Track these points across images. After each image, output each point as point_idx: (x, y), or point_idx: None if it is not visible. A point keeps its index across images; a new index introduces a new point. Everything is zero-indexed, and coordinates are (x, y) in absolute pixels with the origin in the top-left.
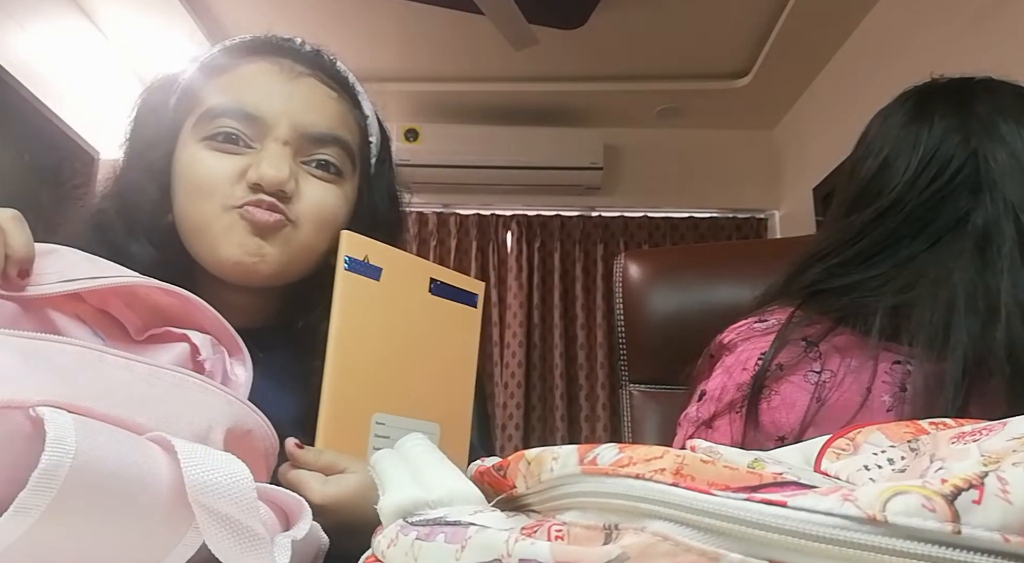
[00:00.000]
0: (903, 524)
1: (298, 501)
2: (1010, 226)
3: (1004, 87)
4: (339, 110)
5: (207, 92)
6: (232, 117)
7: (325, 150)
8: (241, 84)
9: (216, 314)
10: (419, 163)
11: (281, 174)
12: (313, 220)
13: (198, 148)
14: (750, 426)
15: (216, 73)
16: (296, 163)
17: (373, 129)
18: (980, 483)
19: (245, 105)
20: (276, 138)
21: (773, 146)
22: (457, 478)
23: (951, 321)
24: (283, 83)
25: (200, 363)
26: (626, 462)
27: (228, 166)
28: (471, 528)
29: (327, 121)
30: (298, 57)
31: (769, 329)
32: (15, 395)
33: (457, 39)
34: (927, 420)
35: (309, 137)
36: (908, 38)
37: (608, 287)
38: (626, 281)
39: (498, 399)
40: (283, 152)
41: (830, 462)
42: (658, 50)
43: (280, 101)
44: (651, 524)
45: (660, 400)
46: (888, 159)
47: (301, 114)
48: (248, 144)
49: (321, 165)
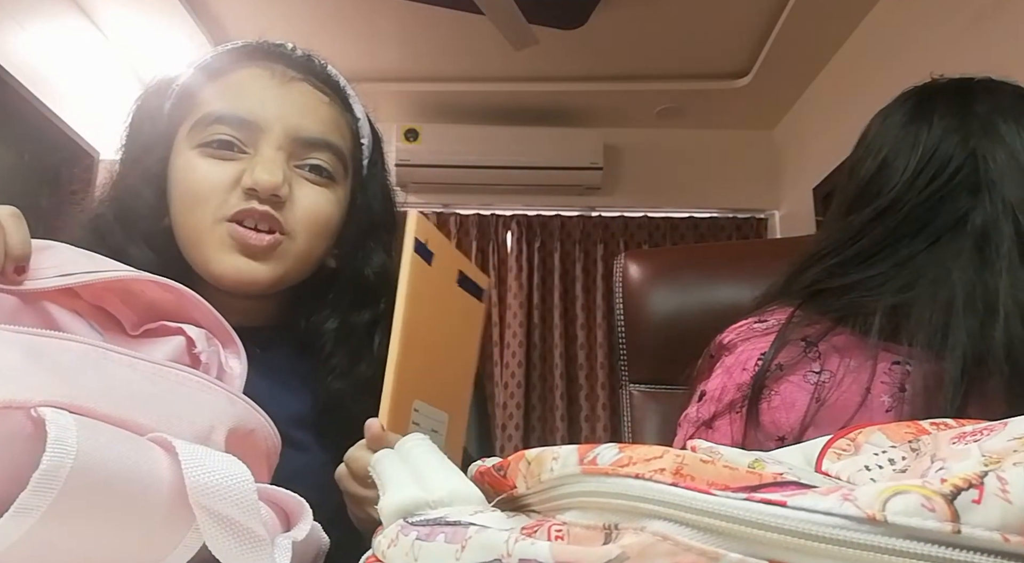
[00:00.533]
0: (903, 524)
1: (299, 501)
2: (1009, 226)
3: (1004, 87)
4: (331, 114)
5: (201, 98)
6: (227, 123)
7: (318, 154)
8: (235, 90)
9: (209, 308)
10: (419, 163)
11: (275, 178)
12: (307, 227)
13: (193, 154)
14: (750, 426)
15: (210, 79)
16: (289, 167)
17: (364, 131)
18: (980, 483)
19: (239, 111)
20: (270, 143)
21: (773, 146)
22: (457, 478)
23: (950, 321)
24: (276, 88)
25: (196, 356)
26: (626, 462)
27: (222, 173)
28: (471, 528)
29: (319, 125)
30: (290, 62)
31: (769, 329)
32: (16, 395)
33: (457, 39)
34: (928, 420)
35: (302, 141)
36: (908, 38)
37: (608, 287)
38: (626, 281)
39: (498, 399)
40: (277, 156)
41: (831, 462)
42: (658, 50)
43: (274, 106)
44: (651, 524)
45: (660, 400)
46: (887, 159)
47: (294, 118)
48: (242, 149)
49: (314, 169)
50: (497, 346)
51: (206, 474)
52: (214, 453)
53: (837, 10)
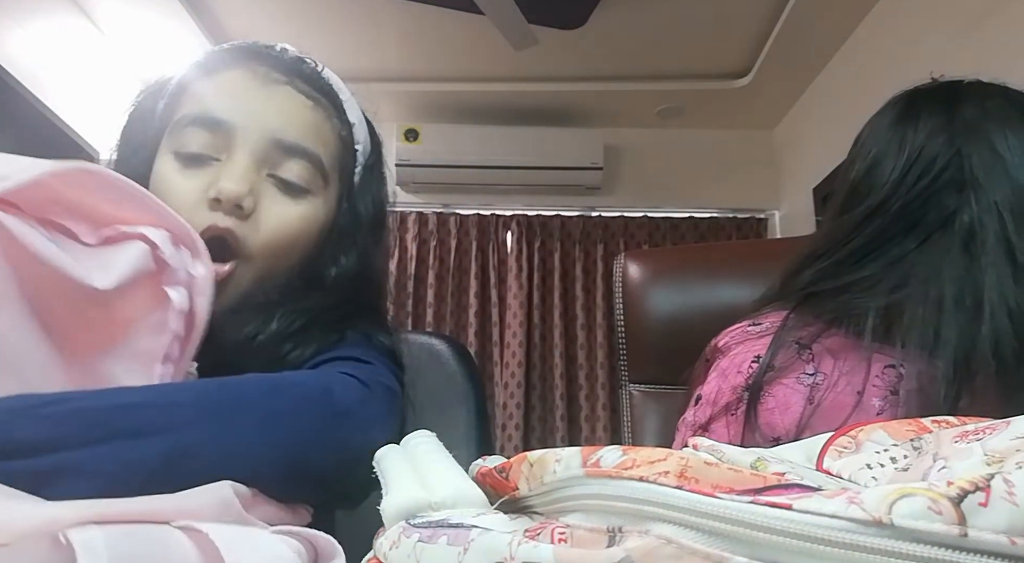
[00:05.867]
0: (909, 527)
1: (330, 543)
2: (993, 222)
3: (991, 89)
4: (313, 120)
5: (184, 100)
6: (201, 125)
7: (293, 162)
8: (214, 91)
9: (169, 211)
10: (419, 163)
11: (240, 188)
12: (268, 246)
13: (167, 160)
14: (748, 429)
15: (194, 81)
16: (261, 175)
17: (360, 136)
18: (986, 485)
19: (215, 111)
20: (244, 146)
21: (773, 146)
22: (461, 479)
23: (941, 319)
24: (256, 90)
25: (162, 260)
26: (630, 464)
27: (190, 186)
28: (474, 531)
29: (297, 131)
30: (276, 64)
31: (763, 332)
32: (45, 519)
33: (457, 39)
34: (929, 418)
35: (278, 145)
36: (908, 38)
37: (608, 287)
38: (626, 281)
39: (498, 399)
40: (247, 163)
41: (832, 460)
42: (658, 50)
43: (251, 107)
44: (655, 527)
45: (660, 400)
46: (876, 160)
47: (272, 121)
48: (214, 157)
49: (286, 182)
50: (497, 346)
51: (248, 555)
52: (247, 532)
53: (837, 10)
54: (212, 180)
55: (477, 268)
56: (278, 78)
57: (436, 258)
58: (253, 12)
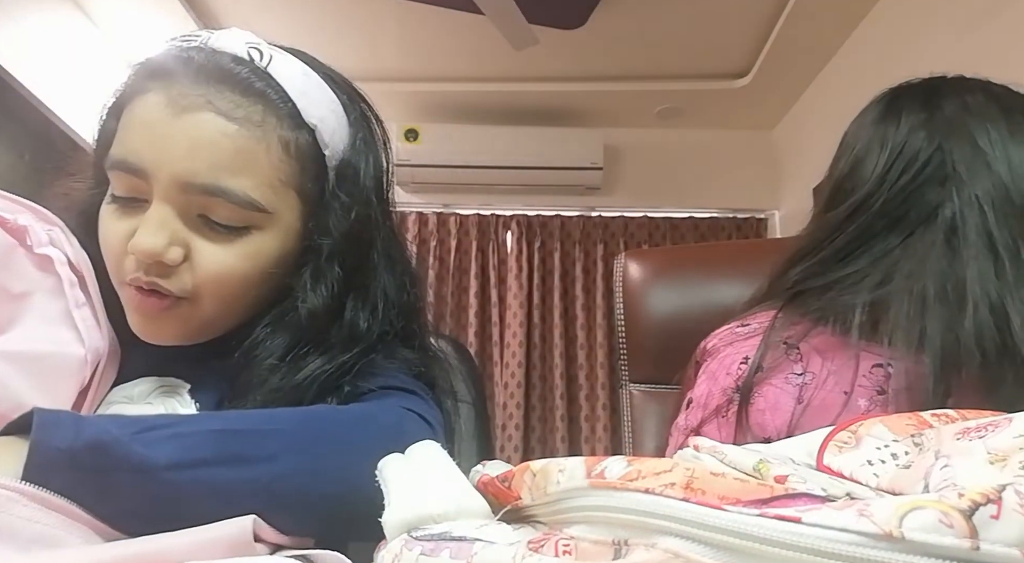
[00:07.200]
0: (920, 540)
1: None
2: (975, 216)
3: (972, 85)
4: (234, 148)
5: (115, 133)
6: (122, 169)
7: (214, 202)
8: (130, 128)
9: None
10: (419, 163)
11: (154, 246)
12: (212, 292)
13: (107, 200)
14: (739, 430)
15: (122, 106)
16: (188, 219)
17: (330, 135)
18: (998, 497)
19: (129, 155)
20: (158, 194)
21: (773, 146)
22: (463, 489)
23: (925, 314)
24: (167, 124)
25: (16, 228)
26: (635, 476)
27: (120, 232)
28: (477, 544)
29: (210, 169)
30: (193, 79)
31: (751, 333)
32: None
33: (457, 39)
34: (929, 412)
35: (190, 189)
36: (908, 38)
37: (608, 287)
38: (626, 281)
39: (498, 399)
40: (165, 213)
41: (832, 456)
42: (658, 50)
43: (161, 146)
44: (662, 540)
45: (660, 400)
46: (859, 157)
47: (179, 163)
48: (143, 198)
49: (216, 223)
50: (497, 346)
51: None
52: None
53: (837, 10)
54: (136, 227)
55: (477, 268)
56: (192, 101)
57: (436, 258)
58: (250, 9)
